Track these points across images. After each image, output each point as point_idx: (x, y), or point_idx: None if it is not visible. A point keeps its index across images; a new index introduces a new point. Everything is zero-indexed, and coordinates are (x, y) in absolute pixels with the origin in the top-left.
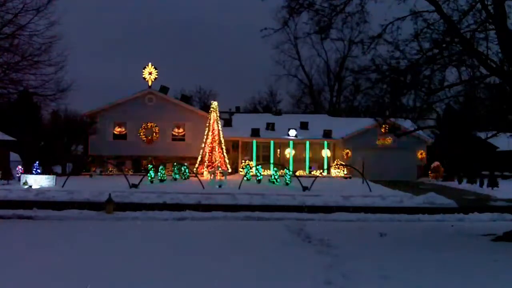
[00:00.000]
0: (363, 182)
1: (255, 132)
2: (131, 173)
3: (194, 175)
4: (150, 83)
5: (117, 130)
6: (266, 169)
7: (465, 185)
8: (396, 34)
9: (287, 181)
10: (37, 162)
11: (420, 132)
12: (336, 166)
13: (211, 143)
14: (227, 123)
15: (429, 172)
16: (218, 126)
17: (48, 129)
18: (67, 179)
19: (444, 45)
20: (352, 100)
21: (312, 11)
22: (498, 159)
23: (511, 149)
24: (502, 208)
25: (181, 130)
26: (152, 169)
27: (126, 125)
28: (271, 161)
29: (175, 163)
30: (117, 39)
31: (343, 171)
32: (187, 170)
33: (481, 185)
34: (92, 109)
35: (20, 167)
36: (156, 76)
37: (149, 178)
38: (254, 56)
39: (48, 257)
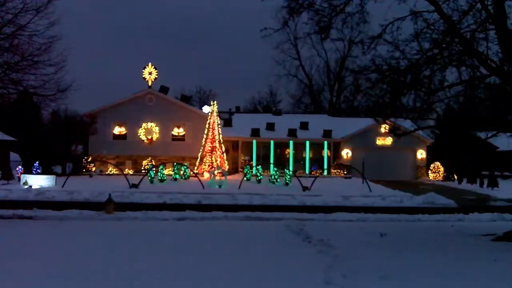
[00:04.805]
0: (363, 182)
1: (255, 132)
2: (131, 173)
3: (194, 175)
4: (150, 83)
5: (117, 130)
6: (266, 169)
7: (465, 185)
8: (396, 34)
9: (287, 181)
10: (37, 162)
11: (420, 132)
12: (336, 166)
13: (211, 143)
14: (227, 123)
15: (429, 172)
16: (218, 126)
17: (48, 129)
18: (67, 179)
19: (444, 45)
20: (352, 100)
21: (312, 11)
22: (498, 159)
23: (511, 149)
24: (502, 208)
25: (181, 130)
26: (152, 169)
27: (126, 125)
28: (271, 161)
29: (175, 163)
30: (117, 39)
31: (343, 171)
32: (187, 170)
33: (481, 185)
34: (92, 109)
35: (20, 167)
36: (156, 76)
37: (149, 178)
38: (254, 56)
39: (48, 257)
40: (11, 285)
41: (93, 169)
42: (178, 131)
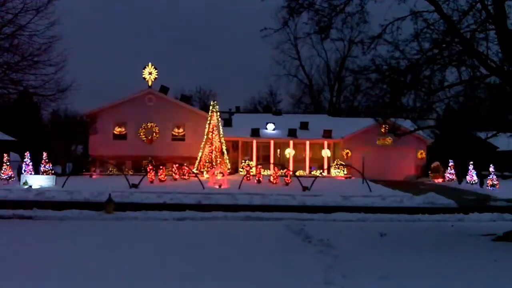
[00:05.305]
0: (363, 182)
1: (255, 132)
2: (131, 173)
3: (194, 175)
4: (150, 83)
5: (117, 130)
6: (266, 169)
7: (465, 185)
8: (396, 34)
9: (287, 181)
10: (42, 160)
11: (420, 132)
12: (336, 166)
13: (211, 143)
14: (227, 123)
15: (429, 172)
16: (218, 126)
17: (48, 129)
18: (67, 179)
19: (444, 45)
20: (352, 100)
21: (312, 11)
22: (498, 159)
23: (511, 149)
24: (502, 208)
25: (181, 130)
26: (153, 169)
27: (126, 125)
28: (271, 161)
29: (175, 163)
30: (117, 39)
31: (343, 171)
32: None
33: (481, 185)
34: (92, 109)
35: (24, 165)
36: (156, 76)
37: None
38: (254, 56)
39: (48, 257)
40: (11, 285)
41: (93, 169)
42: (178, 131)
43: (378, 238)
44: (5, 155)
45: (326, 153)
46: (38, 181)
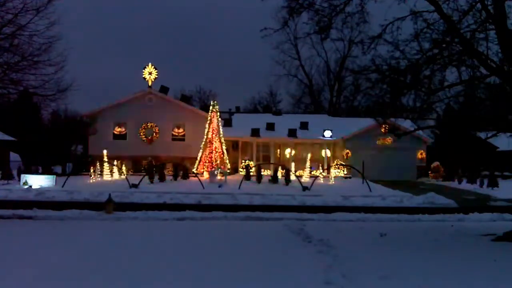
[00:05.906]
0: (363, 182)
1: (255, 132)
2: (131, 173)
3: (194, 175)
4: (150, 83)
5: (117, 130)
6: (266, 169)
7: (465, 185)
8: (396, 34)
9: (287, 181)
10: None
11: (420, 132)
12: (336, 166)
13: (211, 143)
14: (227, 123)
15: (429, 172)
16: (218, 126)
17: (48, 129)
18: (67, 179)
19: (444, 45)
20: (352, 100)
21: (312, 11)
22: (498, 159)
23: (511, 149)
24: (502, 208)
25: (181, 130)
26: (153, 169)
27: (126, 125)
28: (271, 161)
29: (175, 163)
30: (117, 39)
31: (343, 171)
32: (187, 170)
33: (481, 185)
34: (92, 109)
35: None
36: (156, 76)
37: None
38: (254, 56)
39: (48, 257)
40: (11, 285)
41: (93, 169)
42: (178, 131)
43: (378, 238)
44: None
45: (326, 153)
46: (38, 181)
